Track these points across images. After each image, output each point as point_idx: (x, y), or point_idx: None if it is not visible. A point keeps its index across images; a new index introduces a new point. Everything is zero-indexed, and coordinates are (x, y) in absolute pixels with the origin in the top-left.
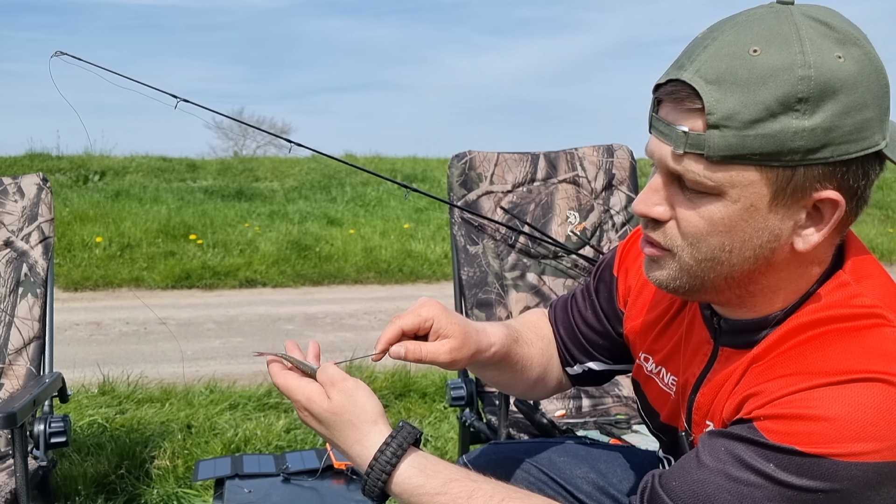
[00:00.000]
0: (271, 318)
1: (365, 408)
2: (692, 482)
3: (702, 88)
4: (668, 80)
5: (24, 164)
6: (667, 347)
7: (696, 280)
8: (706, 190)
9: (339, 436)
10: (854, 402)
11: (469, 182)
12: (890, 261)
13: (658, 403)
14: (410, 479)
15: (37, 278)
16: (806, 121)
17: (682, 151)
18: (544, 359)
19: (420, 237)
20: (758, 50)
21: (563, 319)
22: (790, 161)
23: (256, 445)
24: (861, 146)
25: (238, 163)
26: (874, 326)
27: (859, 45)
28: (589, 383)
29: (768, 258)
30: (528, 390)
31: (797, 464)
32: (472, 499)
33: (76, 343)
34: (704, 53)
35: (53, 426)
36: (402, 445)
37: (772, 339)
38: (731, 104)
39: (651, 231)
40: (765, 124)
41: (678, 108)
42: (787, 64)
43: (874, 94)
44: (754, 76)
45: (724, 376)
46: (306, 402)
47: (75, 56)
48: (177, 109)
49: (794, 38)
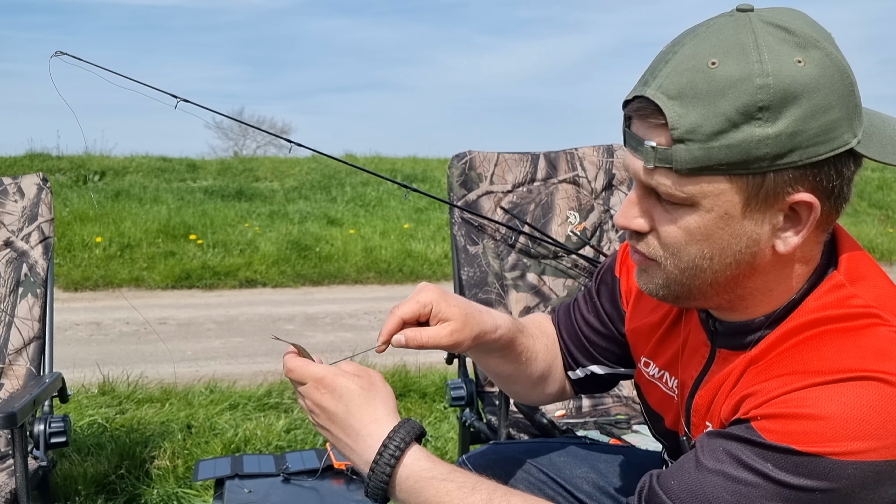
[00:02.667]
0: (271, 318)
1: (386, 396)
2: (690, 481)
3: (664, 104)
4: (633, 96)
5: (24, 164)
6: (669, 352)
7: (682, 288)
8: (680, 201)
9: (358, 414)
10: (850, 401)
11: (469, 182)
12: (890, 261)
13: (661, 408)
14: (419, 461)
15: (37, 278)
16: (769, 128)
17: (652, 166)
18: (549, 356)
19: (420, 237)
20: (716, 62)
21: (565, 323)
22: (758, 168)
23: (256, 445)
24: (830, 147)
25: (238, 163)
26: (869, 326)
27: (819, 47)
28: (592, 389)
29: (750, 262)
30: (531, 388)
31: (794, 463)
32: (476, 489)
33: (76, 343)
34: (666, 68)
35: (53, 426)
36: (413, 428)
37: (769, 340)
38: (694, 118)
39: (635, 242)
40: (728, 135)
41: (645, 124)
42: (746, 74)
43: (839, 95)
44: (714, 89)
45: (721, 377)
46: (331, 379)
47: (75, 56)
48: (177, 109)
49: (751, 46)
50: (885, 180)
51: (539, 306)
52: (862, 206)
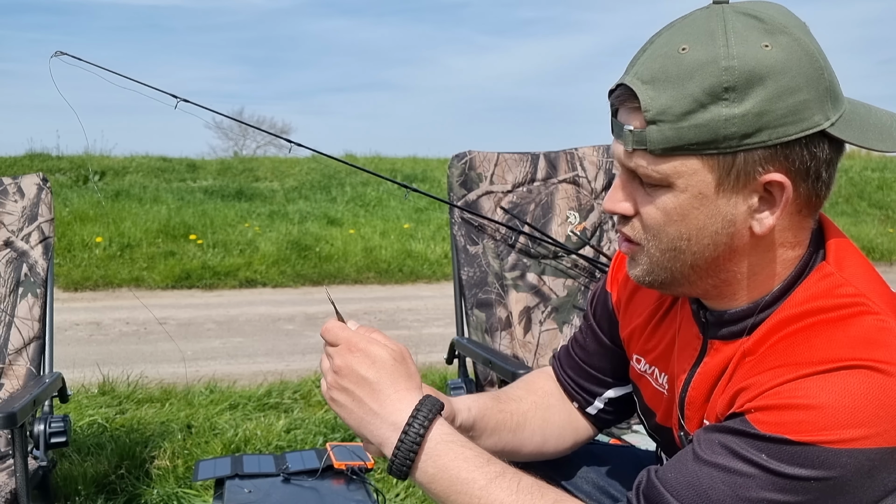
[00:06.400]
0: (271, 318)
1: (415, 371)
2: (687, 474)
3: (638, 89)
4: (616, 85)
5: (24, 164)
6: (659, 347)
7: (665, 272)
8: (656, 182)
9: (390, 380)
10: (841, 390)
11: (469, 182)
12: (890, 261)
13: (652, 403)
14: (442, 426)
15: (37, 278)
16: (735, 108)
17: (630, 149)
18: (541, 411)
19: (420, 237)
20: (686, 48)
21: (568, 363)
22: (727, 147)
23: (256, 445)
24: (800, 127)
25: (238, 163)
26: (858, 314)
27: (788, 33)
28: (614, 419)
29: (728, 244)
30: (539, 449)
31: (788, 452)
32: (490, 462)
33: (76, 343)
34: (643, 57)
35: (53, 426)
36: (437, 403)
37: (761, 331)
38: (664, 100)
39: (622, 227)
40: (696, 115)
41: (624, 110)
42: (712, 57)
43: (807, 77)
44: (682, 72)
45: (714, 368)
46: (365, 345)
47: (75, 56)
48: (177, 109)
49: (719, 33)
50: (885, 180)
51: (539, 306)
52: (862, 206)
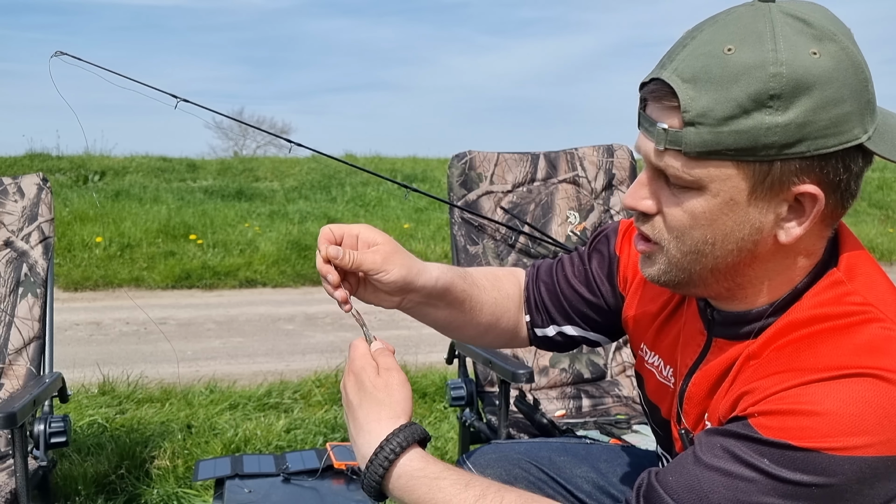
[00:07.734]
0: (271, 318)
1: (399, 400)
2: (688, 477)
3: (678, 87)
4: (650, 78)
5: (24, 164)
6: (667, 341)
7: (684, 273)
8: (687, 184)
9: (366, 409)
10: (846, 397)
11: (469, 182)
12: (890, 261)
13: (657, 397)
14: (412, 461)
15: (37, 278)
16: (779, 117)
17: (662, 148)
18: (497, 309)
19: (420, 237)
20: (732, 48)
21: (546, 281)
22: (766, 156)
23: (256, 445)
24: (839, 140)
25: (238, 163)
26: (865, 322)
27: (836, 40)
28: (553, 348)
29: (752, 250)
30: (480, 336)
31: (790, 458)
32: (469, 486)
33: (76, 343)
34: (683, 52)
35: (53, 426)
36: (415, 433)
37: (767, 335)
38: (706, 102)
39: (641, 224)
40: (738, 121)
41: (659, 106)
42: (760, 61)
43: (851, 89)
44: (727, 74)
45: (716, 367)
46: (359, 368)
47: (75, 56)
48: (177, 109)
49: (767, 35)
50: (885, 180)
51: None
52: (862, 206)
